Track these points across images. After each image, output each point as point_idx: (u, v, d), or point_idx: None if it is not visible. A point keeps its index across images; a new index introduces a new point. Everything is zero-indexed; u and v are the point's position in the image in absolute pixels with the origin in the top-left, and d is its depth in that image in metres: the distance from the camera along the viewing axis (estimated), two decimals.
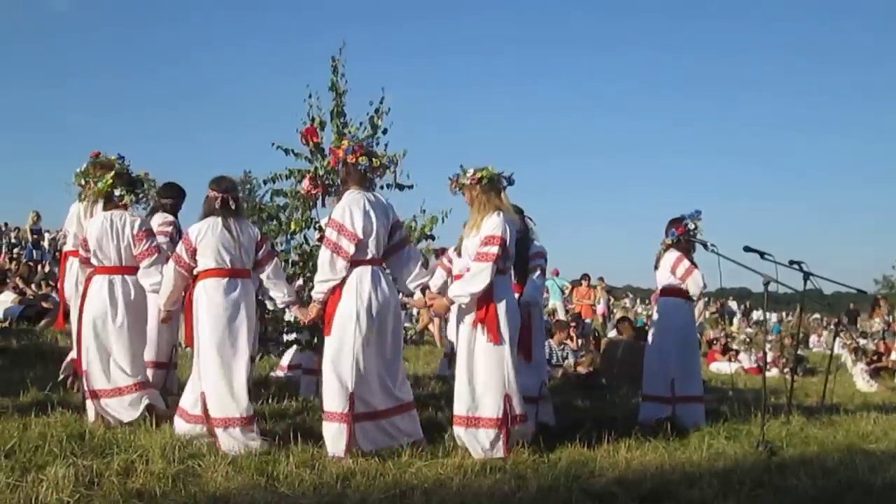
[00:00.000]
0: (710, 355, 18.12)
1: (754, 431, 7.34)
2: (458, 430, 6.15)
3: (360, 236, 5.93)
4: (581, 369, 12.94)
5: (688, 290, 8.10)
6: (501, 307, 6.13)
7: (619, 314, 21.63)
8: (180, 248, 6.31)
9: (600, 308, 23.12)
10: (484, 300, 6.10)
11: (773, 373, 15.77)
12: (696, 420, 7.95)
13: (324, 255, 6.01)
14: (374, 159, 6.25)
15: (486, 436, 6.04)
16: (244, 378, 6.12)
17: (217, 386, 6.04)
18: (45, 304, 13.96)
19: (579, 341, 15.38)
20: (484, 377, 6.10)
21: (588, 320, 20.16)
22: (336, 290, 6.00)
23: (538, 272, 7.38)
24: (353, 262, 5.99)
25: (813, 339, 30.21)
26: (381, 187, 7.76)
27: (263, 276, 6.45)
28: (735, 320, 36.53)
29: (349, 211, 5.98)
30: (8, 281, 15.53)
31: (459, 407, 6.16)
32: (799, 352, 13.12)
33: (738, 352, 18.59)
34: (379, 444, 5.96)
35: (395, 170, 7.76)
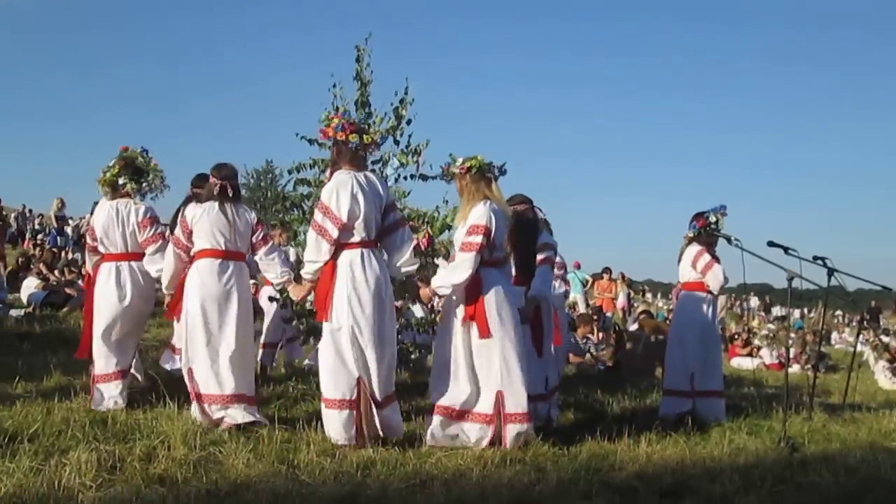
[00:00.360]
0: (731, 350, 18.05)
1: (776, 427, 7.30)
2: (438, 419, 6.04)
3: (345, 221, 5.81)
4: (607, 361, 12.94)
5: (707, 284, 8.08)
6: (490, 300, 6.00)
7: (640, 308, 21.53)
8: (178, 231, 6.52)
9: (620, 302, 23.06)
10: (472, 293, 6.00)
11: (794, 369, 15.68)
12: (717, 415, 7.93)
13: (310, 235, 5.97)
14: (364, 136, 6.07)
15: (472, 429, 6.00)
16: (230, 357, 6.23)
17: (203, 364, 6.22)
18: (68, 291, 14.05)
19: (600, 335, 15.35)
20: (478, 372, 6.04)
21: (609, 314, 20.13)
22: (328, 276, 5.91)
23: (546, 265, 7.03)
24: (344, 246, 5.90)
25: (834, 335, 30.06)
26: (405, 178, 7.77)
27: (257, 259, 6.57)
28: (755, 315, 36.40)
29: (336, 194, 5.85)
30: (32, 267, 15.65)
31: (445, 398, 6.07)
32: (820, 348, 13.05)
33: (759, 347, 18.50)
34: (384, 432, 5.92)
35: (419, 160, 7.76)
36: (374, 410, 5.82)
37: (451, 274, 6.01)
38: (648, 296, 42.87)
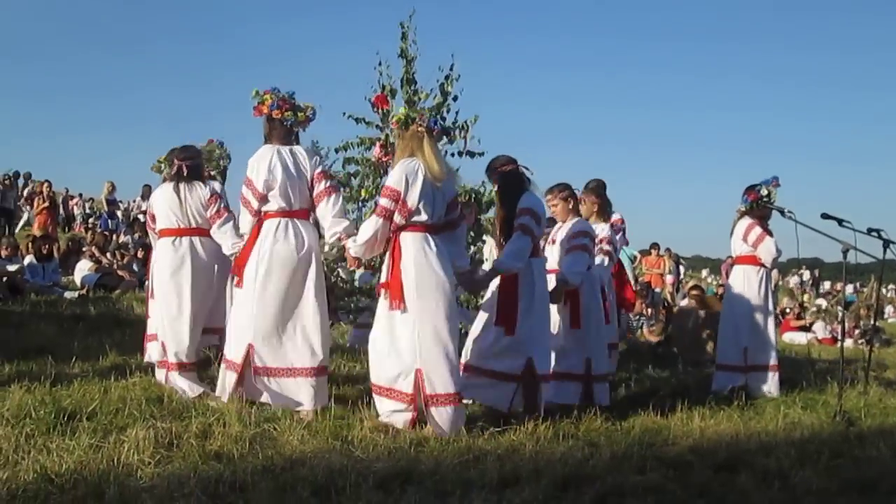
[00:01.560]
0: (783, 325, 17.84)
1: (831, 402, 7.22)
2: (375, 397, 5.84)
3: (261, 191, 6.03)
4: (652, 338, 12.87)
5: (760, 257, 8.01)
6: (408, 270, 5.64)
7: (691, 283, 21.34)
8: (148, 215, 7.16)
9: (670, 277, 22.86)
10: (391, 262, 5.76)
11: (847, 343, 15.45)
12: (771, 389, 7.88)
13: (240, 210, 6.28)
14: (299, 113, 6.22)
15: (394, 408, 5.69)
16: (187, 327, 6.63)
17: (165, 333, 6.66)
18: (120, 273, 14.25)
19: (649, 310, 15.27)
20: (395, 348, 5.69)
21: (657, 289, 19.98)
22: (249, 244, 6.16)
23: (519, 232, 6.18)
24: (264, 216, 6.13)
25: (888, 309, 29.61)
26: (453, 154, 7.74)
27: (211, 233, 6.71)
28: (806, 290, 35.99)
29: (255, 167, 6.09)
30: (84, 249, 15.88)
31: (374, 375, 5.82)
32: (875, 322, 12.85)
33: (811, 322, 18.28)
34: (266, 399, 6.06)
35: (466, 136, 7.72)
36: (254, 377, 5.99)
37: (358, 234, 5.89)
38: (704, 272, 42.58)
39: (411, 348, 5.61)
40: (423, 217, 5.72)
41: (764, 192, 8.00)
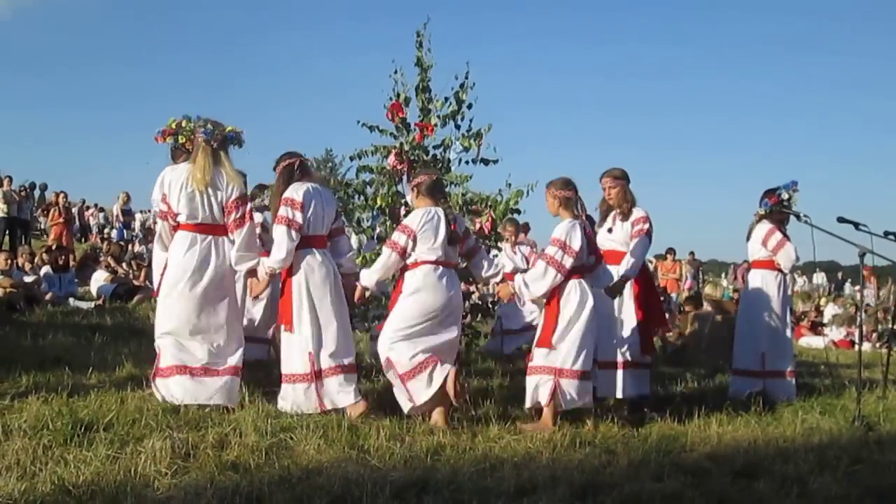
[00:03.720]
0: (797, 330, 17.74)
1: (849, 406, 7.18)
2: None
3: (154, 208, 6.74)
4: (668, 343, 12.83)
5: (779, 263, 7.96)
6: (169, 263, 6.35)
7: (706, 289, 21.28)
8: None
9: (687, 282, 22.83)
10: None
11: (865, 347, 15.36)
12: (788, 394, 7.83)
13: None
14: (180, 137, 6.68)
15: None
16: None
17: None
18: (136, 283, 14.32)
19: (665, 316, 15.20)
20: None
21: (673, 295, 19.94)
22: None
23: (274, 224, 6.25)
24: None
25: None
26: (468, 162, 7.75)
27: None
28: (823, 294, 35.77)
29: None
30: (101, 259, 15.96)
31: None
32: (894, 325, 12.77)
33: (826, 325, 18.18)
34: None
35: (480, 144, 7.73)
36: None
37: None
38: (731, 276, 42.30)
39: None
40: (184, 217, 6.29)
41: (785, 195, 7.95)
